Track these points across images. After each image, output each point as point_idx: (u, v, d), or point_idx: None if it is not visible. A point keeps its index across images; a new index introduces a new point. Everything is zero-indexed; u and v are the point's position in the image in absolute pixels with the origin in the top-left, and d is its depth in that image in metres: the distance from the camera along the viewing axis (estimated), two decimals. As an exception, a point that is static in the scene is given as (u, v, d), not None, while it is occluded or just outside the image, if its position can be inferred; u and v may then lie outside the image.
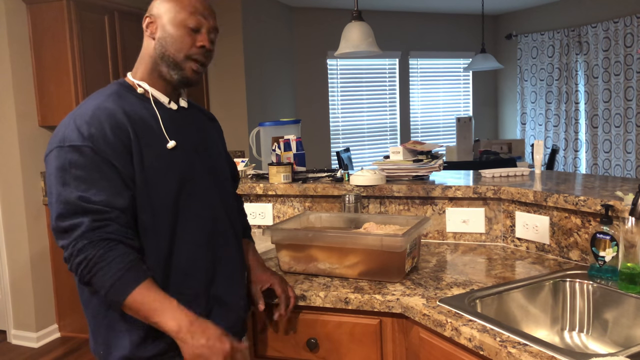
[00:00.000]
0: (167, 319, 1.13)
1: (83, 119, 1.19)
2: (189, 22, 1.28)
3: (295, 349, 1.57)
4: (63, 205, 1.14)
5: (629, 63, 5.75)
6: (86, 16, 3.55)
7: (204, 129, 1.44)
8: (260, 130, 2.67)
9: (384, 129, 6.91)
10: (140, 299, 1.13)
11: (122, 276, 1.12)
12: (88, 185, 1.15)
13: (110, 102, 1.25)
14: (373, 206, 2.13)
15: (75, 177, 1.15)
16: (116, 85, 1.32)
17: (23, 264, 3.62)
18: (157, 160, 1.25)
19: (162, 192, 1.24)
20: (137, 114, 1.26)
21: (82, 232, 1.13)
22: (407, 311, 1.43)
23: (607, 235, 1.52)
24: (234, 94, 5.05)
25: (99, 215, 1.14)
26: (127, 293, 1.12)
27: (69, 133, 1.18)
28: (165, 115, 1.31)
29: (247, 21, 5.07)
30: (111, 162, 1.18)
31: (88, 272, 1.13)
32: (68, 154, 1.16)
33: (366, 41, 2.98)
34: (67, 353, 3.50)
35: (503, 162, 4.36)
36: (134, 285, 1.13)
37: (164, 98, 1.34)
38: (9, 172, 3.56)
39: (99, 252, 1.12)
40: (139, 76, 1.33)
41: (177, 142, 1.30)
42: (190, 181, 1.30)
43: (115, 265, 1.12)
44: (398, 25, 6.79)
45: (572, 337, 1.53)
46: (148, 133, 1.25)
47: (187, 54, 1.29)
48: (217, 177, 1.41)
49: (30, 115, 3.59)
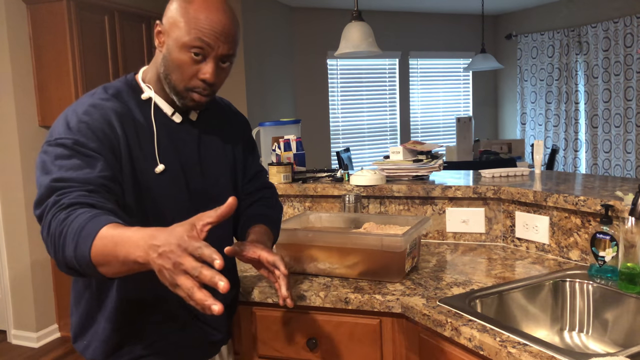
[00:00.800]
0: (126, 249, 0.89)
1: (75, 115, 1.13)
2: (192, 49, 1.13)
3: (295, 349, 1.57)
4: (38, 191, 1.06)
5: (629, 63, 5.75)
6: (86, 16, 3.55)
7: (208, 145, 1.32)
8: (260, 130, 2.67)
9: (384, 129, 6.91)
10: (101, 245, 0.91)
11: (81, 231, 0.93)
12: (67, 168, 1.06)
13: (107, 101, 1.17)
14: (373, 206, 2.13)
15: (59, 167, 1.06)
16: (121, 83, 1.24)
17: (23, 264, 3.62)
18: (146, 178, 1.18)
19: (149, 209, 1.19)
20: (134, 121, 1.18)
21: (47, 210, 1.00)
22: (407, 311, 1.43)
23: (607, 235, 1.52)
24: (233, 94, 5.05)
25: (64, 188, 1.02)
26: (88, 246, 0.92)
27: (58, 129, 1.12)
28: (163, 129, 1.22)
29: (247, 21, 5.07)
30: (96, 152, 1.10)
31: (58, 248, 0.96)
32: (54, 148, 1.09)
33: (366, 41, 2.98)
34: (67, 353, 3.50)
35: (503, 162, 4.36)
36: (96, 232, 0.92)
37: (169, 109, 1.25)
38: (9, 172, 3.56)
39: (59, 221, 0.96)
40: (147, 79, 1.25)
41: (168, 164, 1.21)
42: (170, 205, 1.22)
43: (74, 225, 0.95)
44: (398, 25, 6.79)
45: (572, 337, 1.53)
46: (141, 145, 1.18)
47: (187, 86, 1.17)
48: (205, 199, 1.28)
49: (30, 115, 3.59)
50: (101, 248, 0.91)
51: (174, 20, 1.14)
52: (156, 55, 1.22)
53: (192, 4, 1.13)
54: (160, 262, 0.85)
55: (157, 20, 1.20)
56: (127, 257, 0.89)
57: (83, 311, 1.26)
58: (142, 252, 0.87)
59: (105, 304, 1.22)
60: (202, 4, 1.12)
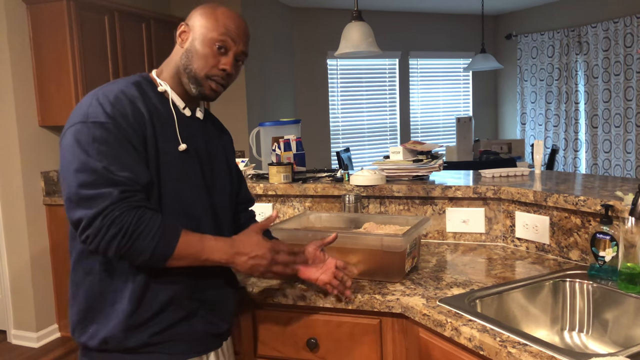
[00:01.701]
0: (212, 254, 1.24)
1: (107, 99, 1.21)
2: (217, 43, 1.30)
3: (295, 349, 1.57)
4: (89, 174, 1.14)
5: (629, 63, 5.75)
6: (86, 16, 3.55)
7: (211, 142, 1.44)
8: (260, 130, 2.67)
9: (384, 129, 6.91)
10: (185, 246, 1.20)
11: (163, 233, 1.17)
12: (111, 160, 1.16)
13: (133, 89, 1.27)
14: (373, 206, 2.13)
15: (99, 151, 1.16)
16: (139, 77, 1.34)
17: (23, 264, 3.62)
18: (168, 157, 1.27)
19: (169, 188, 1.27)
20: (155, 108, 1.29)
21: (112, 202, 1.13)
22: (407, 311, 1.43)
23: (607, 235, 1.52)
24: (234, 94, 5.05)
25: (127, 186, 1.16)
26: (173, 247, 1.19)
27: (93, 110, 1.20)
28: (179, 119, 1.34)
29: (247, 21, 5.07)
30: (132, 142, 1.20)
31: (128, 240, 1.14)
32: (92, 130, 1.17)
33: (366, 41, 2.98)
34: (67, 353, 3.50)
35: (503, 162, 4.36)
36: (176, 239, 1.19)
37: (180, 103, 1.36)
38: (9, 172, 3.56)
39: (134, 220, 1.15)
40: (162, 77, 1.36)
41: (187, 147, 1.32)
42: (188, 185, 1.32)
43: (152, 228, 1.16)
44: (398, 25, 6.79)
45: (572, 337, 1.53)
46: (163, 128, 1.28)
47: (208, 74, 1.31)
48: (215, 188, 1.41)
49: (30, 115, 3.59)
50: (185, 249, 1.20)
51: (201, 21, 1.32)
52: (174, 53, 1.36)
53: (218, 10, 1.34)
54: (251, 262, 1.27)
55: (182, 22, 1.35)
56: (209, 259, 1.24)
57: (83, 301, 1.26)
58: (228, 256, 1.26)
59: (111, 293, 1.24)
60: (227, 11, 1.35)
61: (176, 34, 1.36)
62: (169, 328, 1.27)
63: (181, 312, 1.28)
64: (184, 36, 1.34)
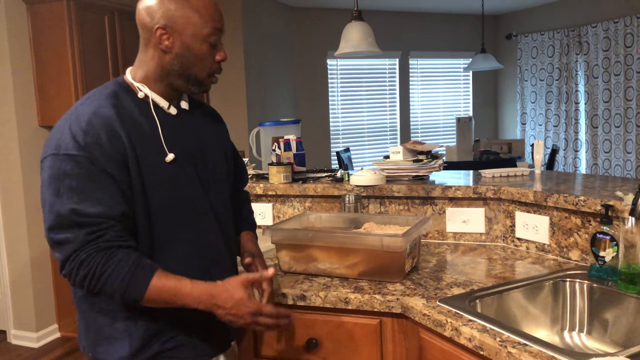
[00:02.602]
0: (188, 301, 1.16)
1: (79, 126, 1.15)
2: (211, 39, 1.24)
3: (295, 349, 1.57)
4: (54, 217, 1.12)
5: (629, 63, 5.74)
6: (86, 16, 3.55)
7: (203, 134, 1.38)
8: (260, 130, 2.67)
9: (384, 129, 6.90)
10: (157, 291, 1.14)
11: (132, 276, 1.13)
12: (82, 197, 1.12)
13: (107, 107, 1.19)
14: (373, 206, 2.13)
15: (70, 188, 1.12)
16: (115, 86, 1.26)
17: (23, 264, 3.62)
18: (154, 172, 1.21)
19: (158, 203, 1.22)
20: (134, 121, 1.21)
21: (78, 246, 1.11)
22: (407, 311, 1.43)
23: (607, 235, 1.52)
24: (234, 93, 5.05)
25: (93, 227, 1.12)
26: (144, 290, 1.13)
27: (64, 140, 1.14)
28: (164, 122, 1.26)
29: (247, 21, 5.07)
30: (107, 171, 1.14)
31: (96, 283, 1.12)
32: (63, 163, 1.13)
33: (366, 41, 2.98)
34: (67, 353, 3.50)
35: (503, 162, 4.36)
36: (147, 281, 1.14)
37: (164, 103, 1.29)
38: (9, 172, 3.56)
39: (102, 262, 1.12)
40: (138, 78, 1.27)
41: (176, 154, 1.25)
42: (182, 193, 1.27)
43: (122, 269, 1.12)
44: (398, 25, 6.79)
45: (572, 337, 1.53)
46: (145, 142, 1.21)
47: (210, 72, 1.28)
48: (213, 187, 1.36)
49: (30, 115, 3.59)
50: (156, 297, 1.15)
51: (184, 20, 1.21)
52: (155, 57, 1.25)
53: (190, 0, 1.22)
54: (230, 318, 1.19)
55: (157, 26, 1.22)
56: (185, 305, 1.17)
57: (87, 320, 1.26)
58: (204, 306, 1.17)
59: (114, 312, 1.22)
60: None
61: (149, 36, 1.24)
62: (179, 336, 1.26)
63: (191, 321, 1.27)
64: (167, 41, 1.22)
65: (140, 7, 1.25)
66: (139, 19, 1.26)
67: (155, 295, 1.14)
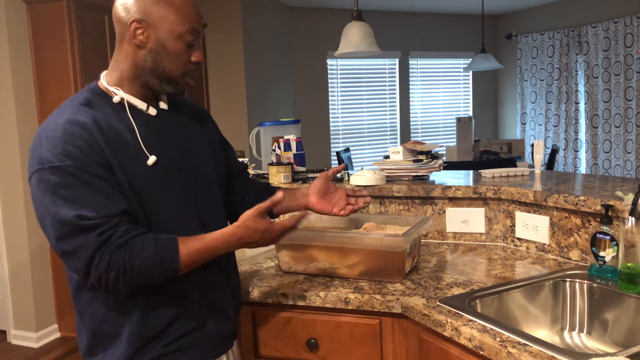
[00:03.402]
0: (220, 252, 1.23)
1: (55, 136, 1.12)
2: (187, 38, 1.21)
3: (295, 349, 1.57)
4: (60, 227, 1.10)
5: (629, 63, 5.74)
6: (86, 16, 3.55)
7: (187, 133, 1.34)
8: (260, 130, 2.67)
9: (384, 129, 6.91)
10: (188, 257, 1.18)
11: (160, 256, 1.15)
12: (79, 204, 1.10)
13: (81, 114, 1.16)
14: (373, 206, 2.13)
15: (66, 198, 1.10)
16: (87, 93, 1.23)
17: (23, 264, 3.62)
18: (139, 175, 1.19)
19: (148, 206, 1.20)
20: (111, 128, 1.18)
21: (95, 249, 1.10)
22: (407, 311, 1.43)
23: (607, 235, 1.52)
24: (233, 94, 5.05)
25: (102, 227, 1.11)
26: (177, 263, 1.17)
27: (45, 154, 1.12)
28: (144, 125, 1.23)
29: (247, 21, 5.07)
30: (96, 174, 1.12)
31: (130, 279, 1.13)
32: (51, 176, 1.10)
33: (366, 41, 2.98)
34: (67, 353, 3.50)
35: (503, 162, 4.36)
36: (176, 254, 1.17)
37: (142, 104, 1.25)
38: (9, 172, 3.56)
39: (126, 258, 1.12)
40: (113, 82, 1.24)
41: (158, 155, 1.22)
42: (167, 194, 1.24)
43: (149, 254, 1.14)
44: (398, 25, 6.79)
45: (572, 337, 1.53)
46: (125, 149, 1.18)
47: (185, 71, 1.24)
48: (200, 186, 1.33)
49: (30, 115, 3.59)
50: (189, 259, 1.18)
51: (160, 15, 1.18)
52: (129, 54, 1.22)
53: None
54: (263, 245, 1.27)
55: (132, 19, 1.19)
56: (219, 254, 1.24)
57: (89, 327, 1.25)
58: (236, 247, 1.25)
59: (115, 318, 1.22)
60: None
61: (124, 32, 1.20)
62: (181, 338, 1.26)
63: (191, 322, 1.27)
64: (142, 35, 1.19)
65: (117, 3, 1.22)
66: (114, 14, 1.22)
67: (187, 261, 1.18)
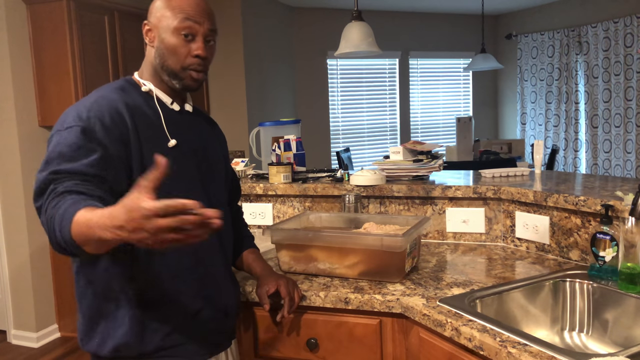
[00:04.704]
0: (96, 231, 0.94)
1: (84, 105, 1.22)
2: (181, 31, 1.27)
3: (295, 349, 1.57)
4: (36, 185, 1.12)
5: (629, 63, 5.74)
6: (86, 16, 3.55)
7: (205, 135, 1.45)
8: (260, 130, 2.67)
9: (384, 129, 6.91)
10: (77, 226, 0.98)
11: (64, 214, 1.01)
12: (67, 160, 1.12)
13: (114, 94, 1.27)
14: (373, 206, 2.13)
15: (59, 154, 1.13)
16: (123, 81, 1.35)
17: (23, 264, 3.62)
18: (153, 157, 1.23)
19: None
20: (139, 109, 1.28)
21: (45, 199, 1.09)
22: (407, 311, 1.43)
23: (607, 235, 1.52)
24: (233, 94, 5.05)
25: (58, 180, 1.10)
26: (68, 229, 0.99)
27: (68, 118, 1.20)
28: (168, 116, 1.33)
29: (247, 21, 5.07)
30: (100, 140, 1.17)
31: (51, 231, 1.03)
32: (62, 134, 1.17)
33: (366, 41, 2.98)
34: (67, 353, 3.50)
35: (503, 162, 4.36)
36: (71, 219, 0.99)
37: (167, 99, 1.35)
38: (9, 172, 3.56)
39: (53, 205, 1.05)
40: (144, 77, 1.36)
41: (178, 142, 1.31)
42: (183, 182, 1.30)
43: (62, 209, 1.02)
44: (398, 25, 6.79)
45: (572, 337, 1.53)
46: (149, 128, 1.27)
47: (184, 65, 1.29)
48: (212, 182, 1.42)
49: (30, 115, 3.59)
50: (78, 231, 0.98)
51: (160, 14, 1.29)
52: (148, 54, 1.35)
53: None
54: (136, 237, 0.88)
55: (145, 21, 1.33)
56: (100, 238, 0.94)
57: (87, 310, 1.26)
58: (110, 233, 0.91)
59: (114, 300, 1.23)
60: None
61: (143, 34, 1.34)
62: (180, 329, 1.27)
63: (189, 310, 1.28)
64: (150, 35, 1.32)
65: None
66: None
67: (76, 231, 0.98)
